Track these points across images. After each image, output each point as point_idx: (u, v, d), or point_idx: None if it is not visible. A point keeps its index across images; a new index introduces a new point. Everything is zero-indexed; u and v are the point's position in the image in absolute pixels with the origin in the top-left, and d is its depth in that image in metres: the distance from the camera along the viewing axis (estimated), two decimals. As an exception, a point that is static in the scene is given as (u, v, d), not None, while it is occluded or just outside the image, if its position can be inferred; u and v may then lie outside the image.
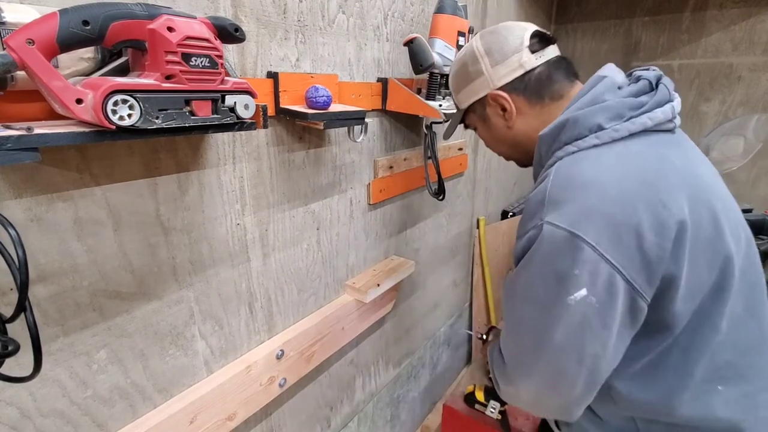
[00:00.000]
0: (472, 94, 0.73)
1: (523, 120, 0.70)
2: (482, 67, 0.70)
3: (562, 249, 0.54)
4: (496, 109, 0.71)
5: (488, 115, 0.73)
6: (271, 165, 0.83)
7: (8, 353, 0.45)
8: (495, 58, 0.68)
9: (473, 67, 0.71)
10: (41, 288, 0.55)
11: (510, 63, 0.67)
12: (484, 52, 0.69)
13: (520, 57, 0.67)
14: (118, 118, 0.45)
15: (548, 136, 0.63)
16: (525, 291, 0.60)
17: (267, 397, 0.90)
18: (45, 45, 0.41)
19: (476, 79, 0.71)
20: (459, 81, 0.75)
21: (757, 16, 1.78)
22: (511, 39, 0.68)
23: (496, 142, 0.77)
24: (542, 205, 0.57)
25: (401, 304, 1.42)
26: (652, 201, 0.53)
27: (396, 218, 1.28)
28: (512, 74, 0.67)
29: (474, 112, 0.76)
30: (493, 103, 0.71)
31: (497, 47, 0.68)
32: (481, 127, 0.78)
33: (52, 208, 0.54)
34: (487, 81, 0.70)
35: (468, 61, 0.72)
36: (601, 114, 0.58)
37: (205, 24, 0.50)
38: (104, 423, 0.65)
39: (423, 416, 1.77)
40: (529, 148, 0.71)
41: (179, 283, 0.71)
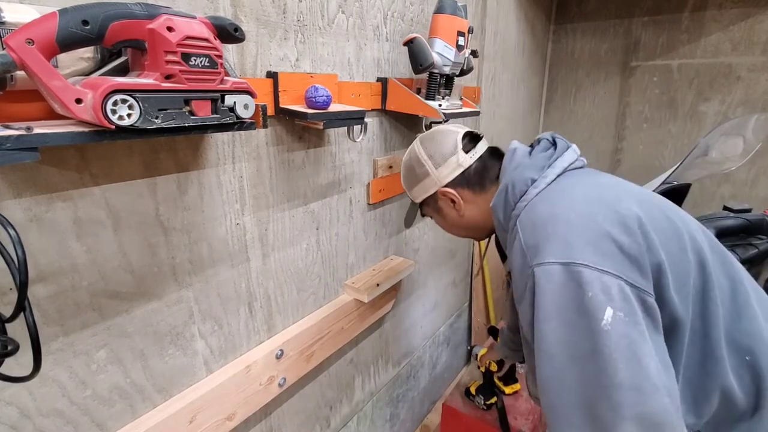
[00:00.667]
0: (423, 192, 0.82)
1: (472, 207, 0.79)
2: (427, 169, 0.79)
3: (564, 282, 0.54)
4: (446, 202, 0.80)
5: (441, 207, 0.82)
6: (271, 165, 0.83)
7: (8, 353, 0.45)
8: (437, 161, 0.79)
9: (420, 169, 0.81)
10: (41, 288, 0.55)
11: (449, 164, 0.78)
12: (427, 157, 0.80)
13: (457, 158, 0.77)
14: (118, 118, 0.45)
15: (499, 204, 0.70)
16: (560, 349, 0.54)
17: (266, 397, 0.90)
18: (44, 45, 0.41)
19: (424, 179, 0.81)
20: (410, 180, 0.85)
21: (756, 16, 1.78)
22: (446, 144, 0.79)
23: (452, 227, 0.86)
24: (524, 256, 0.60)
25: (401, 304, 1.42)
26: (607, 211, 0.59)
27: (395, 218, 1.28)
28: (454, 173, 0.78)
29: (428, 205, 0.85)
30: (443, 198, 0.80)
31: (436, 152, 0.79)
32: (436, 217, 0.87)
33: (51, 208, 0.54)
34: (434, 180, 0.79)
35: (414, 165, 0.82)
36: (528, 170, 0.69)
37: (204, 24, 0.50)
38: (104, 423, 0.65)
39: (422, 416, 1.77)
40: (482, 226, 0.81)
41: (179, 283, 0.71)
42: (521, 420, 1.37)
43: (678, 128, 2.07)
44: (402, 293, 1.40)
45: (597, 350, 0.51)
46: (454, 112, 1.09)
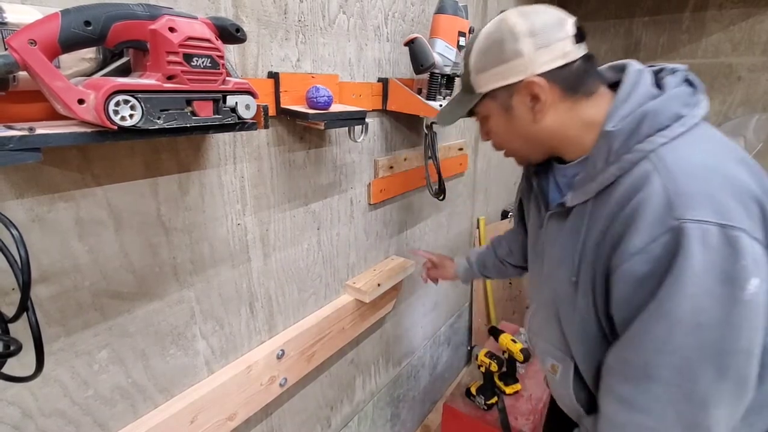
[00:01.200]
0: (500, 77, 0.63)
1: (553, 115, 0.62)
2: (523, 47, 0.60)
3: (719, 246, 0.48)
4: (524, 99, 0.62)
5: (513, 105, 0.64)
6: (272, 165, 0.83)
7: (10, 353, 0.45)
8: (540, 41, 0.59)
9: (511, 45, 0.60)
10: (43, 288, 0.55)
11: (555, 50, 0.59)
12: (527, 32, 0.60)
13: (565, 45, 0.59)
14: (120, 119, 0.45)
15: (623, 131, 0.56)
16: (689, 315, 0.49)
17: (267, 397, 0.90)
18: (47, 45, 0.41)
19: (511, 61, 0.61)
20: (487, 59, 0.64)
21: (756, 16, 1.78)
22: (556, 24, 0.60)
23: (512, 136, 0.68)
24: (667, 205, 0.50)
25: (401, 304, 1.42)
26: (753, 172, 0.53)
27: (396, 218, 1.28)
28: (555, 62, 0.59)
29: (494, 98, 0.65)
30: (525, 91, 0.62)
31: (542, 29, 0.60)
32: (497, 118, 0.67)
33: (53, 208, 0.54)
34: (526, 65, 0.60)
35: (505, 39, 0.61)
36: (675, 103, 0.56)
37: (206, 24, 0.51)
38: (105, 423, 0.65)
39: (423, 416, 1.78)
40: (549, 145, 0.66)
41: (180, 283, 0.71)
42: (522, 420, 1.37)
43: (678, 128, 2.07)
44: (402, 293, 1.40)
45: (728, 319, 0.48)
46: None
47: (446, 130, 1.44)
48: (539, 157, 0.70)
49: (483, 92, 0.66)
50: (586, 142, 0.62)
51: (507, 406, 1.41)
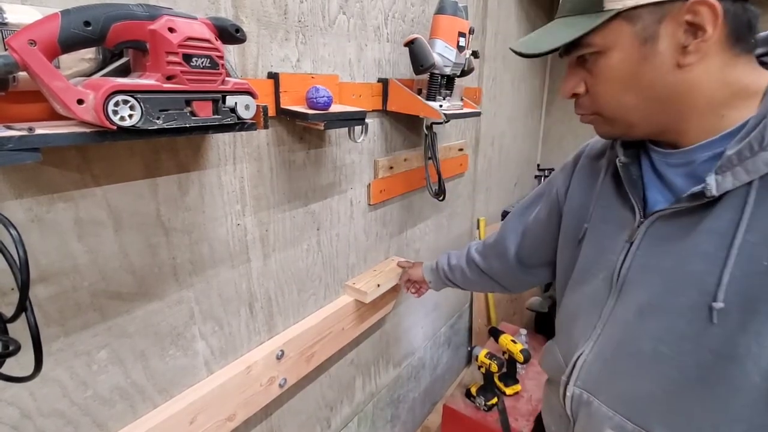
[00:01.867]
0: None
1: (707, 64, 0.44)
2: None
3: None
4: (679, 30, 0.44)
5: (659, 35, 0.44)
6: (272, 165, 0.83)
7: (9, 353, 0.45)
8: None
9: None
10: (42, 288, 0.55)
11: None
12: None
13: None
14: (119, 119, 0.45)
15: None
16: None
17: (267, 398, 0.90)
18: (46, 46, 0.41)
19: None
20: None
21: (757, 17, 1.78)
22: None
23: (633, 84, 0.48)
24: None
25: (401, 305, 1.42)
26: None
27: (396, 219, 1.28)
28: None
29: (631, 21, 0.45)
30: (687, 16, 0.43)
31: None
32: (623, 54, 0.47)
33: (52, 208, 0.54)
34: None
35: None
36: None
37: (205, 25, 0.51)
38: (104, 423, 0.65)
39: (423, 417, 1.77)
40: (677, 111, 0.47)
41: (180, 283, 0.71)
42: (522, 421, 1.36)
43: (679, 129, 2.06)
44: (403, 294, 1.40)
45: None
46: (455, 113, 1.09)
47: (446, 130, 1.44)
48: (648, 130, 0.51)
49: (620, 8, 0.45)
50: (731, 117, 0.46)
51: (507, 407, 1.40)
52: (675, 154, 0.50)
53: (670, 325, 0.49)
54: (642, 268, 0.53)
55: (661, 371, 0.50)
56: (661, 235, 0.51)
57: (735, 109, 0.45)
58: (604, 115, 0.52)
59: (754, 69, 0.47)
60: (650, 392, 0.51)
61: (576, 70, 0.52)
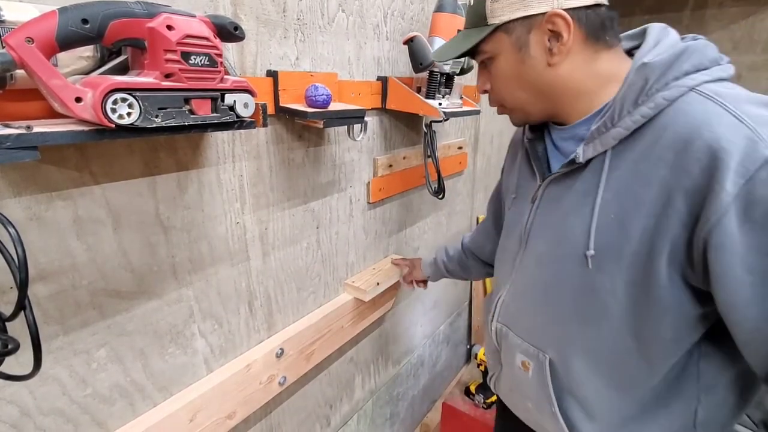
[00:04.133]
0: (521, 6, 0.54)
1: (571, 61, 0.55)
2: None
3: None
4: (544, 37, 0.54)
5: (529, 43, 0.55)
6: (271, 164, 0.83)
7: (8, 351, 0.45)
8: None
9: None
10: (41, 286, 0.55)
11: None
12: None
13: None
14: (118, 117, 0.45)
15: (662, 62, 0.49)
16: None
17: (266, 396, 0.90)
18: (44, 43, 0.41)
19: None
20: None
21: (756, 14, 1.78)
22: None
23: (518, 83, 0.59)
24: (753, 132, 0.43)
25: (400, 303, 1.42)
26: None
27: (395, 217, 1.28)
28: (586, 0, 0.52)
29: (508, 32, 0.56)
30: (547, 26, 0.53)
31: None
32: (506, 58, 0.58)
33: (51, 206, 0.54)
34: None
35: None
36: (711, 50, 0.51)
37: (204, 22, 0.50)
38: (104, 421, 0.65)
39: (422, 414, 1.78)
40: (557, 99, 0.58)
41: (179, 281, 0.71)
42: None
43: (678, 127, 2.07)
44: (402, 292, 1.40)
45: None
46: (454, 111, 1.09)
47: (445, 128, 1.44)
48: (541, 115, 0.62)
49: (497, 23, 0.56)
50: (599, 99, 0.55)
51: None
52: (565, 129, 0.61)
53: (557, 270, 0.60)
54: (539, 224, 0.65)
55: (550, 307, 0.63)
56: (552, 195, 0.62)
57: (604, 93, 0.55)
58: (507, 107, 0.64)
59: (619, 59, 0.56)
60: (544, 323, 0.64)
61: (482, 72, 0.63)
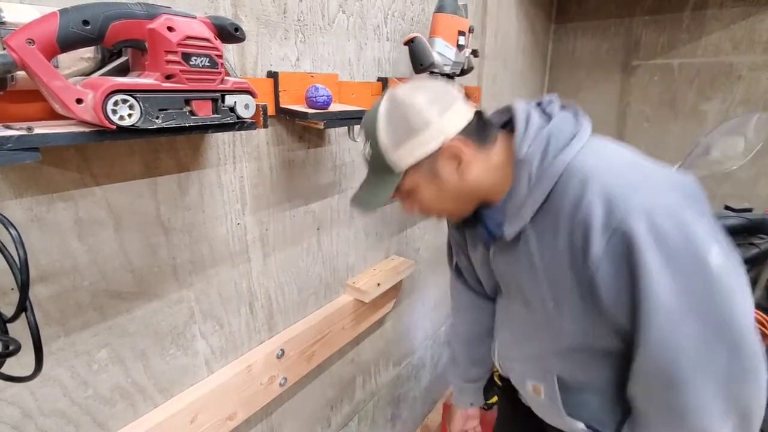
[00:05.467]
0: (419, 148, 0.62)
1: (475, 168, 0.64)
2: (429, 116, 0.61)
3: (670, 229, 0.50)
4: (448, 162, 0.63)
5: (438, 170, 0.64)
6: (272, 164, 0.83)
7: (9, 353, 0.45)
8: (440, 106, 0.62)
9: (416, 117, 0.61)
10: (42, 288, 0.55)
11: (455, 110, 0.63)
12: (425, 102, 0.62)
13: (460, 105, 0.64)
14: (119, 118, 0.45)
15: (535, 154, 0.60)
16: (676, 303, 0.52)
17: (267, 397, 0.90)
18: (45, 45, 0.41)
19: (423, 130, 0.61)
20: (398, 135, 0.63)
21: (756, 15, 1.78)
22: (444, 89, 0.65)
23: (443, 199, 0.68)
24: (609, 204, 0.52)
25: (402, 304, 1.42)
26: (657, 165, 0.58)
27: (396, 218, 1.28)
28: (461, 121, 0.62)
29: (418, 170, 0.64)
30: (447, 154, 0.62)
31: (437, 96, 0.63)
32: (425, 187, 0.66)
33: (52, 208, 0.54)
34: (439, 130, 0.61)
35: (407, 112, 0.62)
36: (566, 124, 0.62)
37: (205, 24, 0.50)
38: (105, 422, 0.65)
39: (424, 415, 1.77)
40: (478, 196, 0.68)
41: (180, 282, 0.71)
42: (522, 419, 1.36)
43: (679, 127, 2.06)
44: (403, 293, 1.40)
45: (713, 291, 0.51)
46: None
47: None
48: (471, 209, 0.71)
49: (406, 167, 0.64)
50: (508, 180, 0.65)
51: (507, 406, 1.40)
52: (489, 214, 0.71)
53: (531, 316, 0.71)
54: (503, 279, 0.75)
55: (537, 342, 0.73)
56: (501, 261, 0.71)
57: (507, 174, 0.64)
58: (440, 216, 0.75)
59: (504, 144, 0.66)
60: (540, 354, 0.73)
61: (406, 200, 0.71)
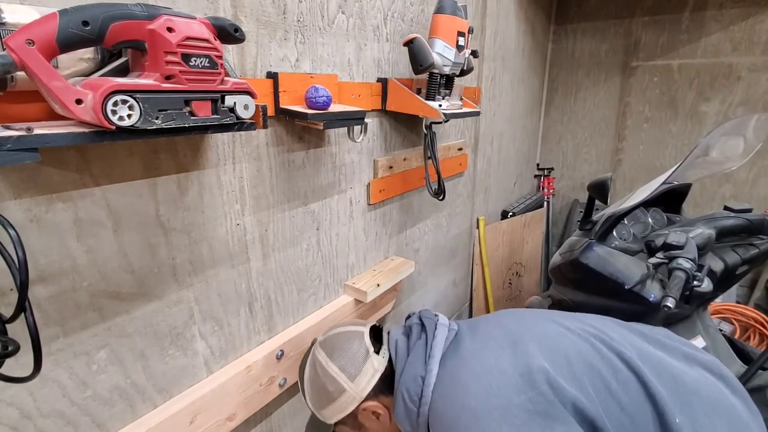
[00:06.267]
0: (338, 411, 0.73)
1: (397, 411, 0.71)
2: (343, 384, 0.72)
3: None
4: (369, 416, 0.73)
5: (362, 424, 0.75)
6: (271, 165, 0.83)
7: (8, 353, 0.45)
8: (351, 373, 0.71)
9: (332, 386, 0.72)
10: (41, 288, 0.55)
11: (366, 372, 0.71)
12: (338, 370, 0.72)
13: (371, 364, 0.72)
14: (118, 119, 0.45)
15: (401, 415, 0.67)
16: None
17: (267, 398, 0.90)
18: (45, 45, 0.41)
19: (339, 397, 0.72)
20: (321, 400, 0.75)
21: (756, 16, 1.78)
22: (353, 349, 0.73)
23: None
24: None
25: (401, 304, 1.42)
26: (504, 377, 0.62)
27: (396, 218, 1.28)
28: (372, 381, 0.71)
29: (345, 423, 0.76)
30: (365, 414, 0.73)
31: (348, 361, 0.72)
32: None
33: (51, 208, 0.54)
34: (353, 395, 0.71)
35: (326, 382, 0.73)
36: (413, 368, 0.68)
37: (204, 24, 0.50)
38: (104, 423, 0.65)
39: (423, 416, 1.77)
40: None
41: (179, 283, 0.71)
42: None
43: (678, 128, 2.07)
44: (402, 293, 1.40)
45: None
46: (454, 112, 1.09)
47: (445, 130, 1.44)
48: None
49: (332, 423, 0.77)
50: None
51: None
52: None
53: None
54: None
55: None
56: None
57: None
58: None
59: None
60: None
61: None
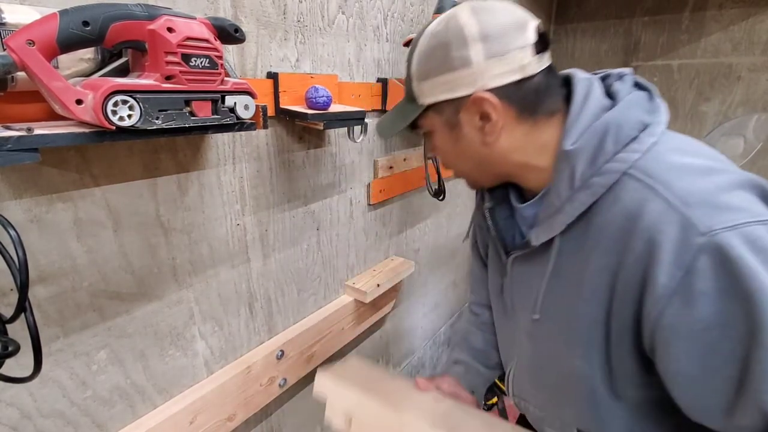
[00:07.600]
0: (447, 89, 0.52)
1: (507, 137, 0.53)
2: (472, 55, 0.49)
3: None
4: (473, 117, 0.52)
5: (461, 122, 0.53)
6: (271, 165, 0.83)
7: (8, 354, 0.45)
8: (493, 48, 0.48)
9: (459, 51, 0.49)
10: (41, 288, 0.55)
11: (510, 60, 0.48)
12: (478, 36, 0.48)
13: (523, 57, 0.48)
14: (118, 119, 0.45)
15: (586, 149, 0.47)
16: None
17: (267, 398, 0.90)
18: (45, 46, 0.41)
19: (459, 69, 0.50)
20: (431, 65, 0.52)
21: (756, 16, 1.78)
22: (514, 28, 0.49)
23: (460, 157, 0.58)
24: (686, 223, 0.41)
25: (401, 305, 1.42)
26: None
27: (396, 218, 1.28)
28: (509, 76, 0.49)
29: (438, 112, 0.55)
30: (473, 108, 0.51)
31: (497, 33, 0.48)
32: (441, 135, 0.57)
33: (51, 208, 0.54)
34: (475, 75, 0.49)
35: (451, 42, 0.50)
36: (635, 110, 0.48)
37: (204, 24, 0.50)
38: (104, 423, 0.65)
39: (423, 416, 1.77)
40: (504, 171, 0.57)
41: (179, 283, 0.71)
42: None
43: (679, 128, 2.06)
44: (402, 294, 1.40)
45: None
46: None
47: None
48: (492, 183, 0.61)
49: (426, 104, 0.55)
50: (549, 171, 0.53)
51: (507, 407, 1.41)
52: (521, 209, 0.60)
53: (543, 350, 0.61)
54: (517, 300, 0.64)
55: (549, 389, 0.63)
56: (520, 272, 0.62)
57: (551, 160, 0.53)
58: (456, 173, 0.63)
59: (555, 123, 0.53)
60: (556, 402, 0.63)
61: (427, 141, 0.63)
